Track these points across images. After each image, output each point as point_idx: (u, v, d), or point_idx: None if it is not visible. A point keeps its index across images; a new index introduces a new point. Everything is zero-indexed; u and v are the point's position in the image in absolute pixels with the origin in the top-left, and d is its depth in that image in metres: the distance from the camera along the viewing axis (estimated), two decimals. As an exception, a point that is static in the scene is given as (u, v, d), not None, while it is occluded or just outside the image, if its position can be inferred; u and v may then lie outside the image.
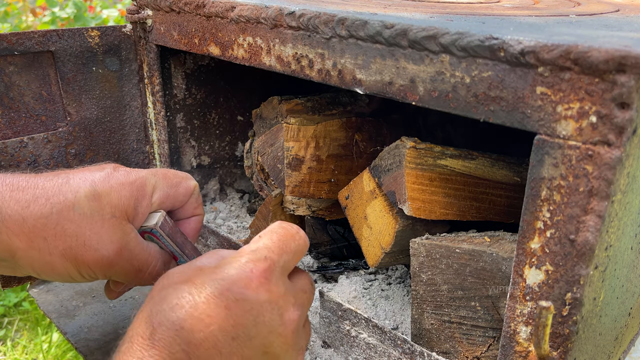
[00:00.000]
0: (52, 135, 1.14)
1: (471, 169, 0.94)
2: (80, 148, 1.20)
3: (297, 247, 0.67)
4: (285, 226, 0.68)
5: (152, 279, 0.81)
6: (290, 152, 1.13)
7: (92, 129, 1.20)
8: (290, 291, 0.63)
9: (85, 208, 0.68)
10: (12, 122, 1.08)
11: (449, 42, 0.65)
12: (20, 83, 1.07)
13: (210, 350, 0.54)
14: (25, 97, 1.09)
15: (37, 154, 1.13)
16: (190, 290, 0.57)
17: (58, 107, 1.13)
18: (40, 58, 1.09)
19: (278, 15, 0.85)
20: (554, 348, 0.65)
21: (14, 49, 1.04)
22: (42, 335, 2.34)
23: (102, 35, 1.15)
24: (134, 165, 1.28)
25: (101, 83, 1.19)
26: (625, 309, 0.84)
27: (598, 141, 0.56)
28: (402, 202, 0.91)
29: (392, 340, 0.87)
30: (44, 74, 1.10)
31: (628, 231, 0.68)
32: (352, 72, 0.78)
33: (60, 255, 0.68)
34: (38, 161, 1.14)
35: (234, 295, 0.56)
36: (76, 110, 1.17)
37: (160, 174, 0.84)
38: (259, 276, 0.58)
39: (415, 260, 0.86)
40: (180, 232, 0.86)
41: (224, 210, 1.48)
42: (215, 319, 0.55)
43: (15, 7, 4.09)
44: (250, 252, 0.62)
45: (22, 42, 1.05)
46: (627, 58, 0.52)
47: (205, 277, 0.58)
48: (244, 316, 0.56)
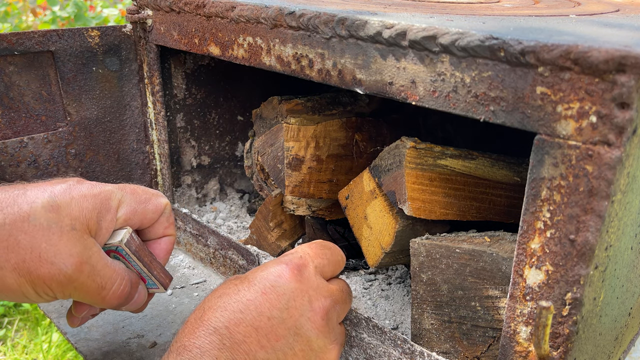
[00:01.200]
0: (52, 135, 1.14)
1: (471, 169, 0.94)
2: (80, 148, 1.20)
3: (332, 256, 0.78)
4: (324, 242, 0.80)
5: (118, 300, 0.76)
6: (290, 152, 1.13)
7: (92, 129, 1.20)
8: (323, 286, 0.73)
9: (41, 219, 0.63)
10: (12, 122, 1.08)
11: (449, 42, 0.65)
12: (20, 83, 1.07)
13: (248, 327, 0.63)
14: (25, 97, 1.09)
15: (37, 154, 1.13)
16: (235, 282, 0.69)
17: (58, 107, 1.14)
18: (40, 58, 1.09)
19: (278, 15, 0.85)
20: (554, 348, 0.65)
21: (14, 49, 1.04)
22: (42, 335, 2.34)
23: (102, 35, 1.15)
24: (135, 166, 1.28)
25: (101, 83, 1.19)
26: (625, 309, 0.84)
27: (598, 141, 0.56)
28: (402, 202, 0.91)
29: (392, 340, 0.87)
30: (44, 74, 1.10)
31: (628, 231, 0.68)
32: (352, 72, 0.78)
33: (12, 270, 0.62)
34: (38, 161, 1.14)
35: (270, 282, 0.67)
36: (76, 110, 1.17)
37: (129, 190, 0.80)
38: (293, 268, 0.70)
39: (415, 260, 0.86)
40: (148, 251, 0.81)
41: (224, 210, 1.48)
42: (253, 301, 0.65)
43: (15, 7, 4.10)
44: (288, 253, 0.75)
45: (22, 42, 1.05)
46: (627, 58, 0.52)
47: (249, 273, 0.71)
48: (278, 299, 0.66)
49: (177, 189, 1.41)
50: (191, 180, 1.43)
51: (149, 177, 1.29)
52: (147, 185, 1.29)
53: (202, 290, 1.26)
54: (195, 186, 1.44)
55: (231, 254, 1.22)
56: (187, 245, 1.35)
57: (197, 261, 1.35)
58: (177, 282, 1.30)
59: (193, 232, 1.31)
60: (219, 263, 1.27)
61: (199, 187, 1.45)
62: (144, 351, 1.08)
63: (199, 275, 1.31)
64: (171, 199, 1.32)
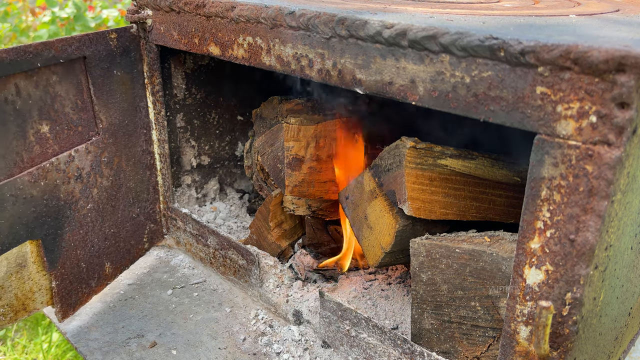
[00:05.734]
0: (90, 145, 1.07)
1: (471, 168, 0.94)
2: (110, 155, 1.14)
3: None
4: None
5: None
6: (291, 151, 1.13)
7: (117, 134, 1.15)
8: None
9: None
10: (58, 136, 1.00)
11: (449, 42, 0.65)
12: (61, 93, 1.00)
13: None
14: (66, 108, 1.01)
15: (82, 166, 1.06)
16: None
17: (90, 114, 1.07)
18: (74, 65, 1.02)
19: (278, 15, 0.85)
20: (554, 348, 0.65)
21: (60, 56, 0.97)
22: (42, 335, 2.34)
23: (119, 37, 1.12)
24: (145, 167, 1.24)
25: (120, 86, 1.14)
26: (625, 309, 0.84)
27: (598, 141, 0.56)
28: (402, 201, 0.92)
29: (392, 340, 0.87)
30: (78, 81, 1.03)
31: (628, 231, 0.68)
32: (352, 72, 0.78)
33: None
34: (82, 175, 1.06)
35: None
36: (105, 116, 1.11)
37: None
38: None
39: (415, 260, 0.86)
40: None
41: (223, 210, 1.48)
42: None
43: (15, 7, 4.09)
44: None
45: (65, 49, 0.99)
46: (627, 58, 0.52)
47: None
48: None
49: (177, 189, 1.40)
50: (191, 180, 1.43)
51: (154, 178, 1.29)
52: (149, 185, 1.28)
53: (202, 290, 1.26)
54: (195, 186, 1.44)
55: (231, 253, 1.22)
56: (187, 245, 1.35)
57: (197, 261, 1.35)
58: (177, 282, 1.30)
59: (193, 232, 1.31)
60: (219, 263, 1.27)
61: (199, 187, 1.45)
62: (144, 351, 1.08)
63: (199, 275, 1.31)
64: (171, 199, 1.32)
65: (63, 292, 1.04)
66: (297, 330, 1.08)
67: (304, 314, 1.09)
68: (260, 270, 1.15)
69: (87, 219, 1.07)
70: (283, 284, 1.16)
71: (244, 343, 1.08)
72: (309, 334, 1.07)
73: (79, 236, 1.05)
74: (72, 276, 1.05)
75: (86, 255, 1.08)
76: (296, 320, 1.10)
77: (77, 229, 1.04)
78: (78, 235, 1.05)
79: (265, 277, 1.16)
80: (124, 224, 1.18)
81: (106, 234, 1.13)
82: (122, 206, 1.18)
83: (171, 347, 1.08)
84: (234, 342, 1.08)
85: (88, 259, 1.09)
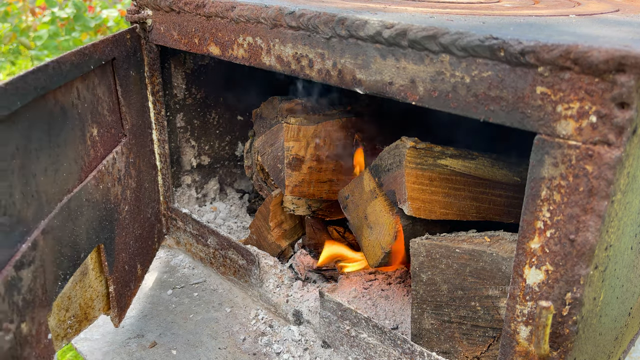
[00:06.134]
0: (122, 146, 1.06)
1: (471, 168, 0.94)
2: (134, 156, 1.13)
3: None
4: None
5: None
6: (291, 151, 1.13)
7: (136, 135, 1.14)
8: None
9: None
10: (102, 138, 0.98)
11: (449, 42, 0.65)
12: (100, 95, 0.98)
13: None
14: (105, 110, 1.00)
15: (120, 168, 1.04)
16: None
17: (118, 116, 1.05)
18: (106, 67, 1.00)
19: (278, 15, 0.85)
20: (554, 348, 0.65)
21: (102, 58, 0.95)
22: (42, 335, 2.33)
23: (131, 38, 1.12)
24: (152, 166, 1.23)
25: (135, 86, 1.14)
26: (625, 309, 0.84)
27: (598, 141, 0.56)
28: (402, 201, 0.92)
29: (392, 340, 0.87)
30: (109, 83, 1.02)
31: (628, 231, 0.69)
32: (352, 72, 0.78)
33: None
34: (120, 177, 1.04)
35: None
36: (129, 117, 1.10)
37: None
38: None
39: (415, 260, 0.87)
40: None
41: (223, 210, 1.48)
42: None
43: (15, 7, 4.09)
44: None
45: (104, 51, 0.97)
46: (627, 58, 0.52)
47: None
48: None
49: (177, 189, 1.41)
50: (191, 180, 1.43)
51: (157, 178, 1.28)
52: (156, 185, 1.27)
53: (202, 290, 1.26)
54: (195, 186, 1.44)
55: (231, 253, 1.22)
56: (187, 245, 1.35)
57: (197, 261, 1.35)
58: (177, 282, 1.30)
59: (193, 232, 1.31)
60: (219, 263, 1.27)
61: (199, 187, 1.45)
62: (144, 351, 1.08)
63: (199, 275, 1.31)
64: (171, 199, 1.32)
65: (118, 296, 1.02)
66: (297, 330, 1.08)
67: (304, 314, 1.09)
68: (260, 270, 1.15)
69: (126, 221, 1.05)
70: (283, 284, 1.16)
71: (244, 343, 1.08)
72: (309, 334, 1.07)
73: (122, 238, 1.04)
74: (122, 280, 1.04)
75: (127, 257, 1.06)
76: (296, 320, 1.10)
77: (121, 231, 1.03)
78: (122, 237, 1.03)
79: (265, 277, 1.16)
80: (144, 225, 1.18)
81: (136, 235, 1.11)
82: (143, 207, 1.16)
83: (171, 347, 1.08)
84: (234, 342, 1.09)
85: (128, 261, 1.07)
